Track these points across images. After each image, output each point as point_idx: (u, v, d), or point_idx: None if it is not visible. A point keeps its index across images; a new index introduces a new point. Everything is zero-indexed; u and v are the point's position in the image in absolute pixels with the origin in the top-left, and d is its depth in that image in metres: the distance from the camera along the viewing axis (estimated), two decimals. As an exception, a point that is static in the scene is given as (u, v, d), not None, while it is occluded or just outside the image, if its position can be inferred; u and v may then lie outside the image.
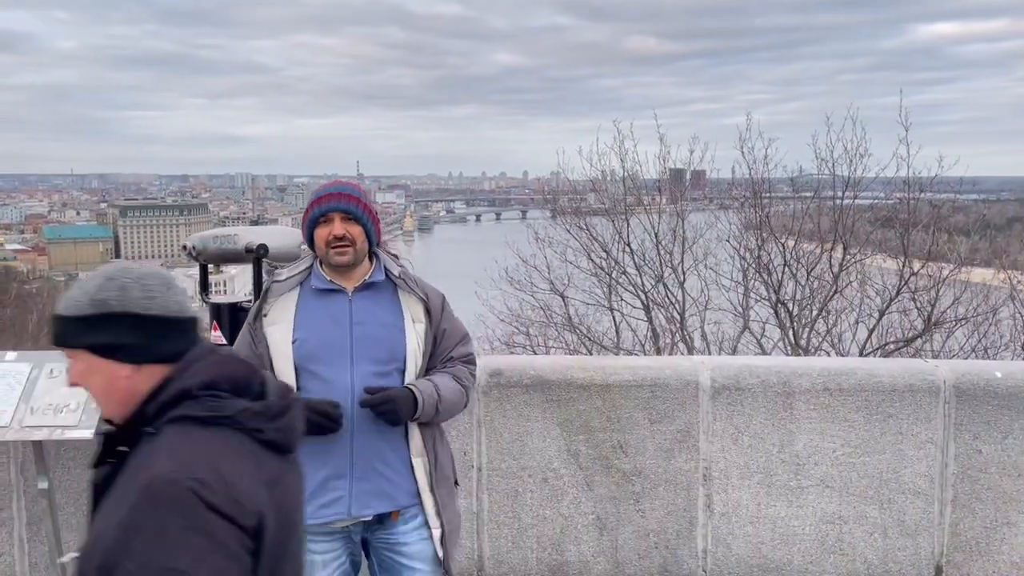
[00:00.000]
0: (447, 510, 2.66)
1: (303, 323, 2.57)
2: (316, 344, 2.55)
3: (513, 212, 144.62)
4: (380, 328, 2.59)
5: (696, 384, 3.88)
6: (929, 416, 3.91)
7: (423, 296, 2.64)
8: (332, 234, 2.55)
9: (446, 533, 2.65)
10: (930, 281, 10.44)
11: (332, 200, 2.59)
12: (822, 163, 11.17)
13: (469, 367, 2.76)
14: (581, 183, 13.29)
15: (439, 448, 2.68)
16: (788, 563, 3.96)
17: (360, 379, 2.53)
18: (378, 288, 2.64)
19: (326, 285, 2.60)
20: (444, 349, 2.69)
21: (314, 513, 2.53)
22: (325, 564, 2.61)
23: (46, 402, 3.36)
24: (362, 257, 2.62)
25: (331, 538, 2.62)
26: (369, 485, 2.56)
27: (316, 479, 2.52)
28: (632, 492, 3.92)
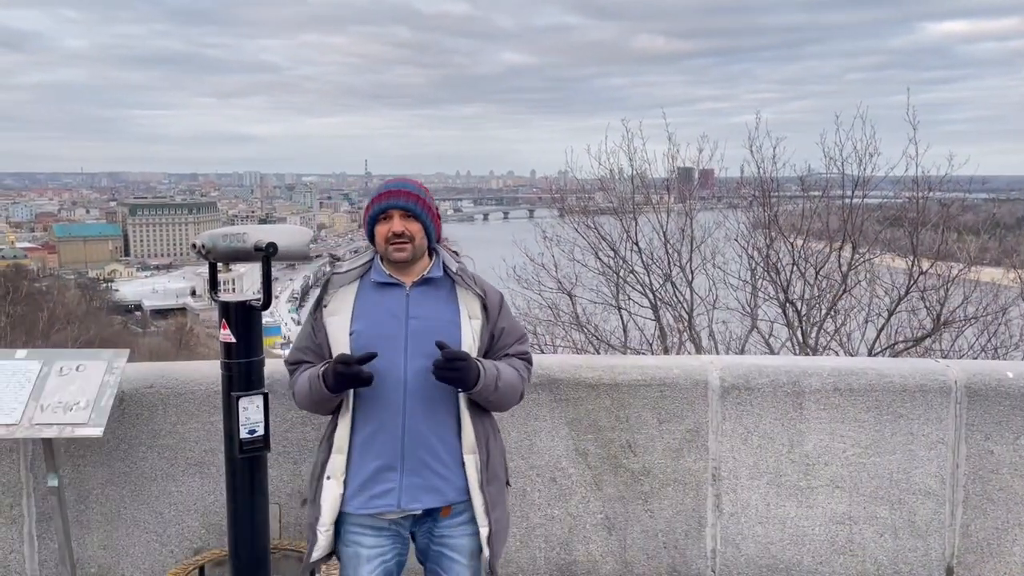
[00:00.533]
0: (496, 509, 2.67)
1: (361, 315, 2.63)
2: (372, 336, 2.60)
3: (521, 211, 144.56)
4: (436, 323, 2.62)
5: (705, 384, 3.87)
6: (940, 416, 3.89)
7: (480, 293, 2.67)
8: (391, 231, 2.62)
9: (493, 532, 2.65)
10: (939, 280, 10.39)
11: (392, 197, 2.65)
12: (831, 162, 11.13)
13: (527, 364, 2.80)
14: (589, 182, 13.27)
15: (491, 445, 2.70)
16: (798, 564, 3.94)
17: (414, 373, 2.56)
18: (436, 284, 2.68)
19: (385, 279, 2.67)
20: (501, 347, 2.73)
21: (365, 504, 2.60)
22: (370, 559, 2.64)
23: (56, 400, 3.37)
24: (421, 253, 2.68)
25: (379, 533, 2.65)
26: (419, 479, 2.59)
27: (368, 470, 2.59)
28: (641, 492, 3.91)
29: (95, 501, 3.77)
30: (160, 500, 3.80)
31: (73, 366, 3.49)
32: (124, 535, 3.80)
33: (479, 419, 2.65)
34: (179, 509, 3.81)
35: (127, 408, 3.72)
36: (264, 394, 3.15)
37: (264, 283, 3.16)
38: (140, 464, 3.77)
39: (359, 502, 2.61)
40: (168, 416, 3.76)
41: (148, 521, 3.80)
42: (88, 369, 3.47)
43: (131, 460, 3.76)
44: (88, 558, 3.79)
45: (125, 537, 3.80)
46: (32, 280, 50.38)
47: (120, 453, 3.75)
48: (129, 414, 3.73)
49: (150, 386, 3.75)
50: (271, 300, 3.18)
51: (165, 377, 3.79)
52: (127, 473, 3.77)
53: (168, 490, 3.79)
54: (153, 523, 3.81)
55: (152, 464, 3.77)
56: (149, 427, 3.75)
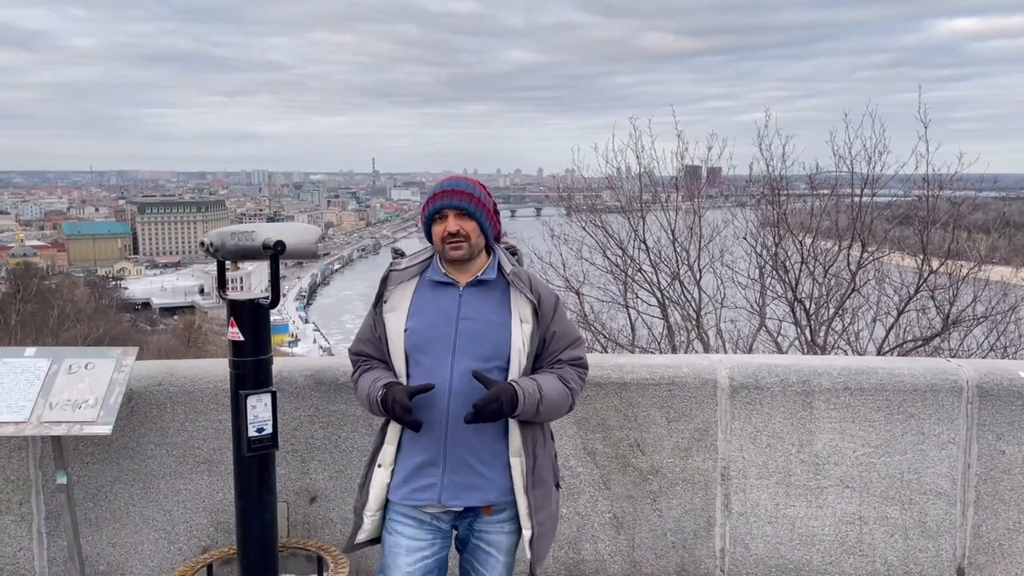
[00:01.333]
0: (540, 512, 2.68)
1: (416, 313, 2.67)
2: (424, 335, 2.64)
3: (528, 209, 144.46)
4: (485, 325, 2.64)
5: (714, 383, 3.85)
6: (951, 416, 3.86)
7: (532, 298, 2.66)
8: (447, 230, 2.64)
9: (536, 536, 2.66)
10: (949, 279, 10.33)
11: (446, 197, 2.67)
12: (840, 160, 11.07)
13: (578, 370, 2.77)
14: (596, 180, 13.23)
15: (539, 450, 2.70)
16: (807, 564, 3.92)
17: (459, 373, 2.58)
18: (490, 285, 2.69)
19: (441, 278, 2.69)
20: (553, 351, 2.72)
21: (408, 495, 2.65)
22: (409, 551, 2.67)
23: (65, 398, 3.38)
24: (477, 251, 2.70)
25: (420, 526, 2.68)
26: (460, 478, 2.62)
27: (413, 463, 2.64)
28: (649, 491, 3.89)
29: (104, 499, 3.78)
30: (169, 498, 3.80)
31: (82, 364, 3.49)
32: (133, 533, 3.81)
33: (528, 423, 2.65)
34: (187, 507, 3.81)
35: (136, 406, 3.72)
36: (272, 392, 3.16)
37: (272, 281, 3.17)
38: (149, 462, 3.78)
39: (403, 492, 2.66)
40: (176, 414, 3.76)
41: (157, 519, 3.81)
42: (97, 367, 3.48)
43: (140, 458, 3.77)
44: (97, 555, 3.80)
45: (134, 535, 3.81)
46: (42, 278, 50.61)
47: (129, 451, 3.76)
48: (138, 412, 3.73)
49: (159, 384, 3.76)
50: (279, 298, 3.18)
51: (173, 375, 3.79)
52: (136, 471, 3.78)
53: (177, 488, 3.80)
54: (162, 521, 3.81)
55: (161, 462, 3.78)
56: (158, 425, 3.76)
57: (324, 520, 3.85)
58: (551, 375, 2.68)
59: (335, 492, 3.84)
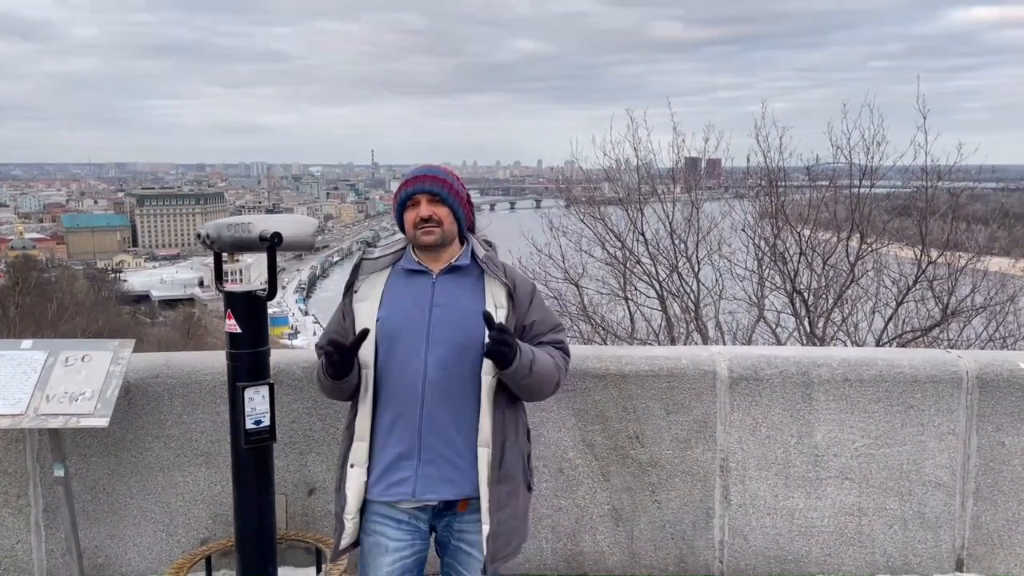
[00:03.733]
0: (503, 510, 2.58)
1: (388, 302, 2.63)
2: (397, 324, 2.59)
3: (527, 201, 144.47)
4: (459, 312, 2.59)
5: (713, 374, 3.84)
6: (951, 407, 3.85)
7: (507, 282, 2.64)
8: (419, 215, 2.61)
9: (493, 533, 2.55)
10: (947, 270, 10.32)
11: (418, 182, 2.64)
12: (838, 151, 11.05)
13: (562, 354, 2.74)
14: (595, 172, 13.21)
15: (508, 444, 2.62)
16: (806, 555, 3.92)
17: (433, 362, 2.54)
18: (464, 272, 2.66)
19: (413, 266, 2.66)
20: (534, 336, 2.68)
21: (384, 491, 2.59)
22: (388, 551, 2.63)
23: (62, 390, 3.36)
24: (451, 238, 2.67)
25: (399, 525, 2.63)
26: (435, 470, 2.56)
27: (388, 457, 2.59)
28: (648, 483, 3.89)
29: (102, 491, 3.77)
30: (166, 490, 3.79)
31: (79, 356, 3.48)
32: (131, 525, 3.80)
33: (500, 415, 2.59)
34: (185, 499, 3.81)
35: (133, 398, 3.71)
36: (270, 384, 3.14)
37: (269, 273, 3.15)
38: (146, 454, 3.77)
39: (379, 489, 2.61)
40: (174, 407, 3.75)
41: (155, 511, 3.80)
42: (94, 359, 3.47)
43: (137, 450, 3.76)
44: (95, 548, 3.79)
45: (132, 527, 3.80)
46: (41, 271, 50.54)
47: (126, 443, 3.75)
48: (135, 404, 3.72)
49: (156, 376, 3.74)
50: (276, 290, 3.17)
51: (171, 367, 3.78)
52: (133, 463, 3.77)
53: (174, 480, 3.79)
54: (160, 513, 3.81)
55: (158, 454, 3.77)
56: (155, 417, 3.75)
57: (322, 512, 3.85)
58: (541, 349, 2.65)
59: (333, 484, 3.83)
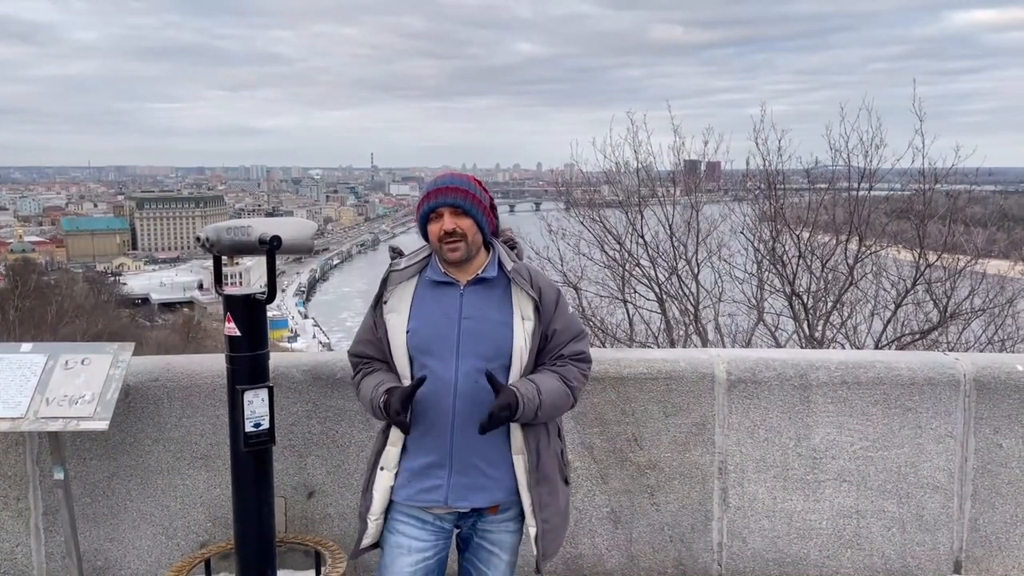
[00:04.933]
0: (546, 509, 2.65)
1: (417, 314, 2.63)
2: (426, 336, 2.59)
3: (526, 204, 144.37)
4: (488, 324, 2.59)
5: (712, 377, 3.85)
6: (949, 410, 3.86)
7: (534, 295, 2.63)
8: (443, 229, 2.58)
9: (542, 532, 2.64)
10: (946, 273, 10.34)
11: (441, 195, 2.61)
12: (836, 154, 11.07)
13: (580, 366, 2.73)
14: (595, 175, 13.22)
15: (542, 447, 2.65)
16: (804, 557, 3.93)
17: (464, 373, 2.55)
18: (491, 283, 2.65)
19: (440, 278, 2.65)
20: (555, 346, 2.68)
21: (413, 495, 2.62)
22: (411, 551, 2.65)
23: (61, 393, 3.37)
24: (476, 250, 2.65)
25: (423, 526, 2.65)
26: (467, 479, 2.59)
27: (419, 463, 2.61)
28: (647, 485, 3.89)
29: (101, 494, 3.78)
30: (166, 493, 3.80)
31: (78, 359, 3.49)
32: (130, 528, 3.81)
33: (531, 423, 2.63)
34: (185, 502, 3.81)
35: (133, 402, 3.72)
36: (269, 387, 3.15)
37: (269, 276, 3.16)
38: (146, 457, 3.77)
39: (407, 492, 2.63)
40: (174, 410, 3.76)
41: (154, 514, 3.81)
42: (93, 363, 3.47)
43: (137, 453, 3.77)
44: (94, 551, 3.80)
45: (131, 530, 3.81)
46: (40, 274, 50.58)
47: (126, 446, 3.75)
48: (135, 408, 3.73)
49: (155, 379, 3.75)
50: (276, 293, 3.18)
51: (170, 370, 3.79)
52: (133, 466, 3.77)
53: (174, 483, 3.80)
54: (159, 516, 3.81)
55: (158, 457, 3.78)
56: (155, 420, 3.76)
57: (322, 515, 3.85)
58: (552, 375, 2.64)
59: (333, 487, 3.84)
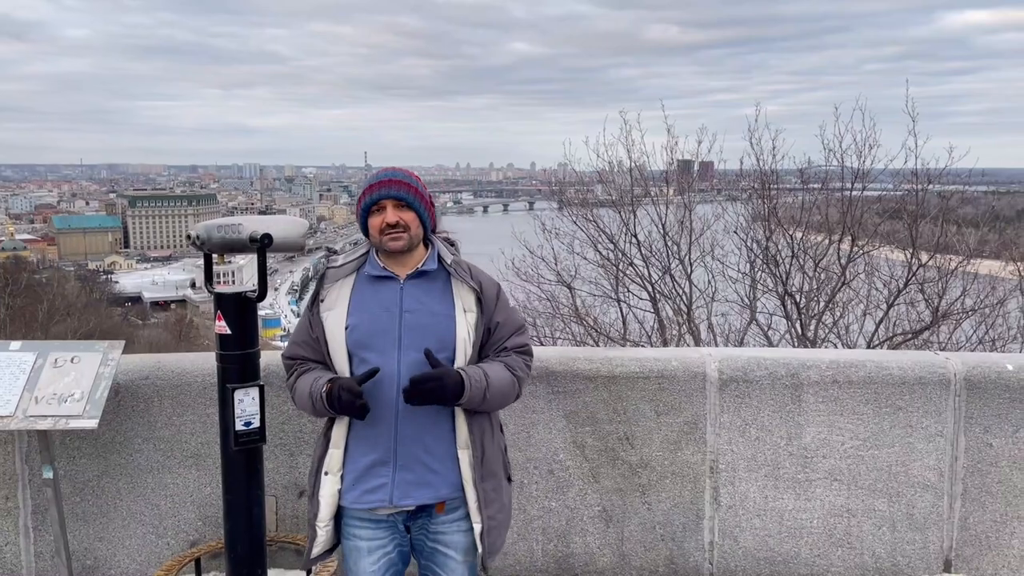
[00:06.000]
0: (490, 506, 2.63)
1: (356, 309, 2.60)
2: (367, 331, 2.57)
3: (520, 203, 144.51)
4: (429, 317, 2.58)
5: (703, 376, 3.85)
6: (939, 409, 3.87)
7: (475, 286, 2.63)
8: (385, 221, 2.58)
9: (487, 529, 2.62)
10: (938, 273, 10.38)
11: (384, 187, 2.61)
12: (830, 154, 11.10)
13: (524, 358, 2.74)
14: (588, 174, 13.23)
15: (487, 442, 2.65)
16: (795, 556, 3.94)
17: (407, 367, 2.52)
18: (431, 276, 2.64)
19: (379, 272, 2.63)
20: (498, 339, 2.68)
21: (358, 498, 2.59)
22: (370, 551, 2.63)
23: (50, 391, 3.36)
24: (416, 243, 2.64)
25: (376, 526, 2.63)
26: (412, 475, 2.56)
27: (362, 464, 2.58)
28: (638, 484, 3.89)
29: (91, 493, 3.76)
30: (156, 492, 3.78)
31: (68, 358, 3.47)
32: (120, 527, 3.79)
33: (474, 415, 2.61)
34: (175, 501, 3.80)
35: (123, 400, 3.70)
36: (260, 386, 3.14)
37: (260, 274, 3.14)
38: (136, 456, 3.76)
39: (353, 496, 2.60)
40: (164, 408, 3.74)
41: (144, 513, 3.79)
42: (83, 361, 3.46)
43: (127, 452, 3.75)
44: (84, 550, 3.78)
45: (121, 529, 3.79)
46: (32, 272, 50.34)
47: (116, 445, 3.74)
48: (124, 406, 3.71)
49: (145, 378, 3.74)
50: (267, 291, 3.16)
51: (161, 369, 3.77)
52: (123, 465, 3.76)
53: (164, 482, 3.78)
54: (149, 515, 3.80)
55: (148, 456, 3.76)
56: (145, 419, 3.74)
57: (313, 514, 3.84)
58: (498, 363, 2.64)
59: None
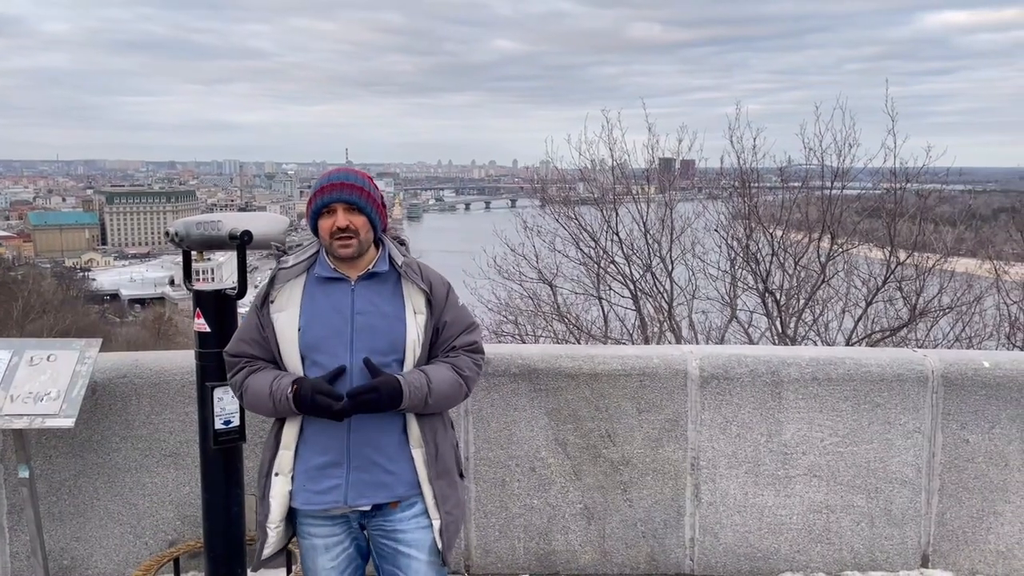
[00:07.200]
0: (447, 502, 2.63)
1: (308, 311, 2.56)
2: (319, 333, 2.54)
3: (502, 201, 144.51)
4: (380, 319, 2.56)
5: (685, 373, 3.87)
6: (917, 406, 3.91)
7: (425, 288, 2.60)
8: (335, 225, 2.53)
9: (444, 525, 2.62)
10: (916, 271, 10.48)
11: (335, 191, 2.55)
12: (810, 153, 11.17)
13: (473, 356, 2.71)
14: (570, 172, 13.24)
15: (440, 439, 2.64)
16: (775, 552, 3.96)
17: (359, 370, 2.49)
18: (381, 278, 2.61)
19: (330, 274, 2.59)
20: (447, 339, 2.65)
21: (310, 499, 2.56)
22: (328, 548, 2.61)
23: (26, 390, 3.31)
24: (367, 247, 2.60)
25: (332, 523, 2.61)
26: (367, 475, 2.55)
27: (314, 464, 2.55)
28: (620, 481, 3.90)
29: (67, 493, 3.72)
30: (134, 492, 3.75)
31: (44, 356, 3.42)
32: (97, 527, 3.75)
33: (424, 416, 2.60)
34: (153, 501, 3.76)
35: (100, 399, 3.66)
36: (239, 384, 3.11)
37: (239, 272, 3.12)
38: (113, 455, 3.72)
39: (305, 497, 2.58)
40: (142, 407, 3.71)
41: (122, 513, 3.75)
42: (59, 359, 3.41)
43: (104, 451, 3.71)
44: (60, 550, 3.73)
45: (98, 529, 3.75)
46: (7, 269, 49.73)
47: (93, 444, 3.70)
48: (102, 405, 3.67)
49: (123, 376, 3.70)
50: (247, 289, 3.14)
51: (139, 367, 3.73)
52: (100, 464, 3.72)
53: (142, 481, 3.75)
54: (127, 515, 3.76)
55: (125, 455, 3.72)
56: (122, 418, 3.70)
57: (293, 513, 3.82)
58: (444, 365, 2.62)
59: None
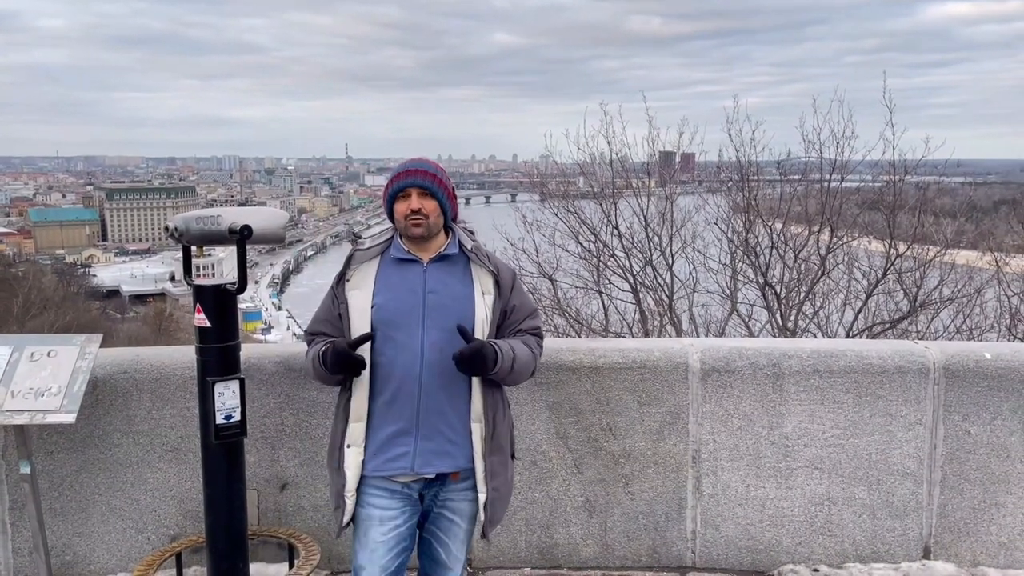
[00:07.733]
0: (496, 478, 2.78)
1: (382, 289, 2.75)
2: (393, 310, 2.72)
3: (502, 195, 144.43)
4: (451, 298, 2.74)
5: (686, 366, 3.87)
6: (919, 397, 3.91)
7: (493, 270, 2.80)
8: (409, 208, 2.74)
9: (490, 500, 2.76)
10: (916, 263, 10.47)
11: (410, 176, 2.78)
12: (809, 146, 11.15)
13: (537, 339, 2.92)
14: (569, 166, 13.21)
15: (498, 418, 2.80)
16: (777, 544, 3.96)
17: (430, 344, 2.68)
18: (452, 260, 2.81)
19: (404, 255, 2.78)
20: (513, 322, 2.85)
21: (380, 466, 2.72)
22: (383, 521, 2.73)
23: (27, 386, 3.31)
24: (437, 230, 2.80)
25: (392, 495, 2.74)
26: (433, 444, 2.71)
27: (385, 433, 2.71)
28: (621, 474, 3.90)
29: (69, 488, 3.72)
30: (136, 487, 3.75)
31: (44, 351, 3.42)
32: (99, 522, 3.75)
33: (489, 391, 2.76)
34: (155, 496, 3.76)
35: (101, 394, 3.66)
36: (240, 379, 3.11)
37: (239, 266, 3.12)
38: (115, 451, 3.72)
39: (375, 464, 2.72)
40: (143, 402, 3.71)
41: (124, 508, 3.76)
42: (60, 354, 3.41)
43: (105, 447, 3.71)
44: (63, 546, 3.74)
45: (100, 524, 3.76)
46: (7, 266, 49.71)
47: (94, 440, 3.70)
48: (103, 400, 3.67)
49: (124, 371, 3.69)
50: (247, 284, 3.14)
51: (140, 362, 3.73)
52: (101, 460, 3.72)
53: (144, 477, 3.75)
54: (129, 510, 3.76)
55: (127, 451, 3.72)
56: (124, 413, 3.70)
57: (295, 507, 3.82)
58: (518, 342, 2.81)
59: (306, 479, 3.81)
